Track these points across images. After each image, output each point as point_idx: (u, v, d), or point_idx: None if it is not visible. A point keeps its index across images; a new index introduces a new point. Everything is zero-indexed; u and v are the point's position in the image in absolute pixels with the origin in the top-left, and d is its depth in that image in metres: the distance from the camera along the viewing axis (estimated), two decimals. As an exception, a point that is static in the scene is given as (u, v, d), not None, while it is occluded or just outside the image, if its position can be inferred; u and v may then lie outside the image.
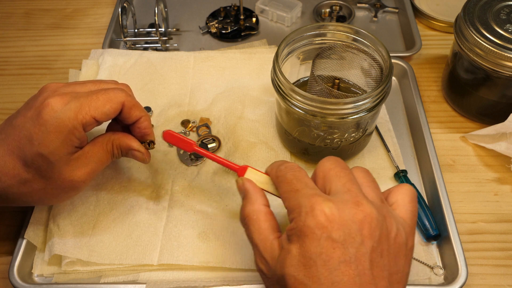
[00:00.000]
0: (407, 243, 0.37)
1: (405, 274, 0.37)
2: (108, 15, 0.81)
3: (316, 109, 0.49)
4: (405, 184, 0.41)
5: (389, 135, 0.61)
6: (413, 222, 0.39)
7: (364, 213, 0.35)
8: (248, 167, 0.45)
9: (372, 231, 0.34)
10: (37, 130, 0.42)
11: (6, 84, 0.71)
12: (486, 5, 0.59)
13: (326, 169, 0.39)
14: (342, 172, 0.38)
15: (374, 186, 0.39)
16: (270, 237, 0.38)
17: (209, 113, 0.63)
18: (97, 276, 0.50)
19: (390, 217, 0.36)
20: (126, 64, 0.68)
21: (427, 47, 0.74)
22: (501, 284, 0.50)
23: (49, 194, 0.45)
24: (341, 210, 0.35)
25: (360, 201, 0.35)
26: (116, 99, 0.45)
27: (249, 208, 0.40)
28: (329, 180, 0.38)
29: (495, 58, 0.55)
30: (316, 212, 0.34)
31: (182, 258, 0.50)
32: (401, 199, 0.39)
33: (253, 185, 0.42)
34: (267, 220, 0.39)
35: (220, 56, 0.69)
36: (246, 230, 0.40)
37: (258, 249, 0.38)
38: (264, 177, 0.44)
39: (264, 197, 0.41)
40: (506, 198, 0.57)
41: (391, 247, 0.35)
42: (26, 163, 0.43)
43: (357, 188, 0.37)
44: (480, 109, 0.63)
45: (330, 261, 0.33)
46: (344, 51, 0.55)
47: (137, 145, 0.47)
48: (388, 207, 0.38)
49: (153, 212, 0.53)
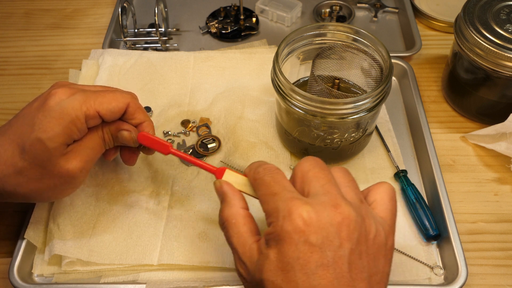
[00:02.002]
0: (386, 243, 0.36)
1: (386, 275, 0.36)
2: (108, 15, 0.81)
3: (316, 109, 0.49)
4: (384, 182, 0.40)
5: (389, 135, 0.61)
6: (393, 221, 0.38)
7: (342, 215, 0.34)
8: (226, 169, 0.43)
9: (350, 233, 0.34)
10: (40, 115, 0.42)
11: (6, 84, 0.71)
12: (486, 5, 0.59)
13: (304, 170, 0.38)
14: (321, 173, 0.38)
15: (353, 186, 0.39)
16: (249, 241, 0.38)
17: (209, 113, 0.63)
18: (97, 276, 0.50)
19: (369, 217, 0.36)
20: (126, 64, 0.68)
21: (427, 47, 0.74)
22: (501, 284, 0.50)
23: (45, 185, 0.44)
24: (319, 213, 0.34)
25: (338, 203, 0.35)
26: (122, 99, 0.46)
27: (227, 212, 0.40)
28: (307, 182, 0.37)
29: (495, 58, 0.55)
30: (293, 216, 0.34)
31: (182, 258, 0.50)
32: (380, 198, 0.39)
33: (231, 188, 0.41)
34: (246, 224, 0.39)
35: (220, 56, 0.69)
36: (225, 233, 0.40)
37: (237, 253, 0.38)
38: (243, 179, 0.43)
39: (243, 200, 0.41)
40: (506, 198, 0.57)
41: (370, 248, 0.35)
42: (24, 150, 0.43)
43: (336, 189, 0.37)
44: (480, 109, 0.63)
45: (307, 265, 0.33)
46: (344, 51, 0.55)
47: (127, 125, 0.47)
48: (368, 207, 0.38)
49: (153, 212, 0.53)
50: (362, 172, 0.57)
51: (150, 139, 0.47)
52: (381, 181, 0.41)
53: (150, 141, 0.47)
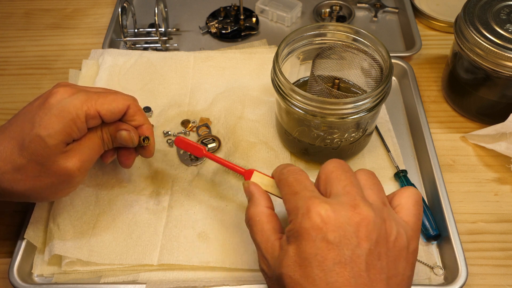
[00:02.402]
0: (408, 246, 0.37)
1: (406, 278, 0.36)
2: (108, 15, 0.81)
3: (316, 109, 0.49)
4: (410, 187, 0.41)
5: (389, 135, 0.61)
6: (417, 225, 0.38)
7: (361, 216, 0.35)
8: (254, 171, 0.46)
9: (369, 234, 0.34)
10: (41, 113, 0.43)
11: (6, 84, 0.71)
12: (486, 5, 0.59)
13: (328, 172, 0.39)
14: (343, 174, 0.39)
15: (377, 189, 0.39)
16: (272, 238, 0.39)
17: (209, 113, 0.63)
18: (97, 276, 0.50)
19: (391, 220, 0.36)
20: (126, 64, 0.68)
21: (427, 47, 0.74)
22: (501, 284, 0.50)
23: (43, 184, 0.44)
24: (337, 212, 0.35)
25: (357, 203, 0.36)
26: (123, 101, 0.46)
27: (253, 210, 0.42)
28: (330, 183, 0.38)
29: (495, 58, 0.55)
30: (311, 213, 0.35)
31: (182, 258, 0.50)
32: (405, 202, 0.39)
33: (258, 188, 0.44)
34: (270, 222, 0.40)
35: (220, 56, 0.69)
36: (250, 231, 0.41)
37: (260, 249, 0.39)
38: (269, 180, 0.45)
39: (268, 200, 0.43)
40: (506, 198, 0.57)
41: (390, 250, 0.35)
42: (23, 147, 0.43)
43: (357, 190, 0.37)
44: (480, 109, 0.63)
45: (324, 262, 0.34)
46: (344, 51, 0.55)
47: (125, 125, 0.47)
48: (390, 210, 0.38)
49: (153, 212, 0.53)
50: (362, 172, 0.57)
51: (185, 143, 0.51)
52: (407, 186, 0.42)
53: (185, 145, 0.51)
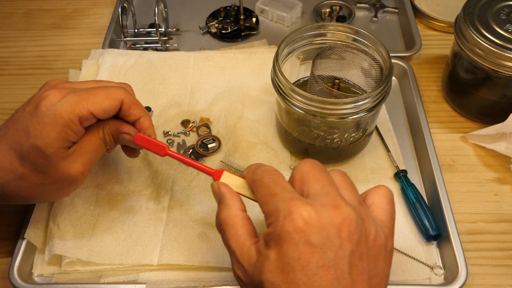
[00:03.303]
0: (386, 245, 0.36)
1: (385, 277, 0.36)
2: (108, 15, 0.81)
3: (316, 109, 0.49)
4: (382, 185, 0.40)
5: (389, 135, 0.61)
6: (392, 223, 0.38)
7: (343, 216, 0.34)
8: (224, 171, 0.43)
9: (351, 234, 0.34)
10: (33, 122, 0.42)
11: (6, 84, 0.71)
12: (486, 5, 0.59)
13: (304, 172, 0.38)
14: (320, 175, 0.37)
15: (352, 189, 0.38)
16: (247, 243, 0.37)
17: (209, 113, 0.63)
18: (97, 276, 0.50)
19: (369, 219, 0.36)
20: (126, 64, 0.68)
21: (427, 47, 0.74)
22: (501, 284, 0.50)
23: (47, 189, 0.44)
24: (319, 213, 0.34)
25: (339, 204, 0.35)
26: (115, 96, 0.44)
27: (225, 213, 0.39)
28: (307, 183, 0.37)
29: (495, 58, 0.55)
30: (294, 216, 0.34)
31: (182, 258, 0.50)
32: (379, 201, 0.39)
33: (229, 190, 0.41)
34: (244, 226, 0.38)
35: (220, 56, 0.69)
36: (223, 236, 0.39)
37: (235, 255, 0.37)
38: (241, 181, 0.42)
39: (241, 202, 0.40)
40: (506, 198, 0.57)
41: (370, 250, 0.35)
42: (23, 157, 0.42)
43: (336, 190, 0.36)
44: (480, 109, 0.63)
45: (308, 266, 0.33)
46: (344, 51, 0.55)
47: (127, 128, 0.46)
48: (367, 209, 0.38)
49: (153, 212, 0.53)
50: (362, 172, 0.57)
51: (146, 141, 0.46)
52: (379, 184, 0.41)
53: (146, 143, 0.46)
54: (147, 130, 0.46)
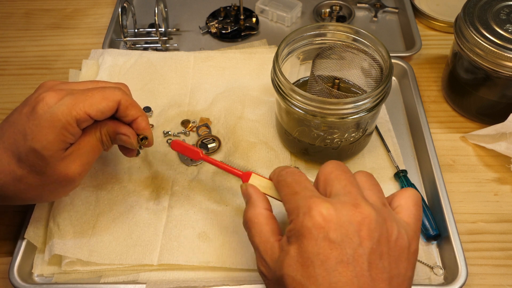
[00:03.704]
0: (409, 246, 0.36)
1: (407, 278, 0.36)
2: (108, 15, 0.81)
3: (316, 109, 0.49)
4: (410, 188, 0.41)
5: (389, 135, 0.61)
6: (417, 226, 0.38)
7: (362, 215, 0.35)
8: (252, 173, 0.46)
9: (370, 233, 0.34)
10: (30, 124, 0.42)
11: (6, 84, 0.71)
12: (486, 5, 0.59)
13: (327, 172, 0.39)
14: (343, 175, 0.39)
15: (376, 190, 0.39)
16: (271, 240, 0.39)
17: (209, 113, 0.63)
18: (97, 276, 0.50)
19: (391, 220, 0.36)
20: (126, 64, 0.68)
21: (427, 47, 0.74)
22: (501, 284, 0.50)
23: (46, 190, 0.45)
24: (338, 211, 0.35)
25: (359, 203, 0.36)
26: (112, 97, 0.44)
27: (251, 212, 0.41)
28: (329, 183, 0.38)
29: (495, 58, 0.55)
30: (313, 212, 0.35)
31: (182, 258, 0.50)
32: (405, 203, 0.39)
33: (256, 190, 0.43)
34: (268, 224, 0.40)
35: (220, 56, 0.69)
36: (248, 233, 0.41)
37: (259, 251, 0.39)
38: (267, 182, 0.45)
39: (266, 201, 0.42)
40: (506, 198, 0.57)
41: (391, 249, 0.35)
42: (20, 159, 0.42)
43: (357, 190, 0.37)
44: (480, 109, 0.63)
45: (327, 262, 0.34)
46: (344, 51, 0.55)
47: (125, 129, 0.46)
48: (390, 211, 0.38)
49: (153, 212, 0.53)
50: (362, 172, 0.57)
51: (181, 146, 0.50)
52: (407, 187, 0.41)
53: (182, 148, 0.50)
54: (144, 131, 0.47)
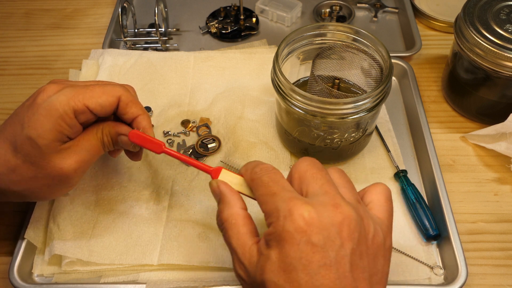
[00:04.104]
0: (385, 243, 0.36)
1: (385, 274, 0.36)
2: (108, 15, 0.81)
3: (316, 109, 0.49)
4: (380, 183, 0.40)
5: (389, 135, 0.61)
6: (390, 221, 0.38)
7: (343, 215, 0.34)
8: (222, 169, 0.43)
9: (351, 233, 0.34)
10: (29, 113, 0.42)
11: (6, 84, 0.71)
12: (486, 5, 0.59)
13: (302, 171, 0.38)
14: (319, 173, 0.37)
15: (350, 187, 0.38)
16: (249, 242, 0.37)
17: (209, 113, 0.63)
18: (97, 276, 0.50)
19: (367, 217, 0.36)
20: (126, 64, 0.68)
21: (427, 47, 0.74)
22: (501, 284, 0.50)
23: (39, 184, 0.44)
24: (320, 213, 0.34)
25: (338, 203, 0.35)
26: (113, 93, 0.44)
27: (226, 212, 0.39)
28: (305, 182, 0.37)
29: (495, 58, 0.55)
30: (294, 216, 0.34)
31: (182, 258, 0.50)
32: (377, 199, 0.39)
33: (229, 188, 0.41)
34: (245, 224, 0.38)
35: (220, 56, 0.69)
36: (224, 234, 0.39)
37: (236, 254, 0.37)
38: (239, 179, 0.42)
39: (241, 200, 0.40)
40: (506, 198, 0.57)
41: (369, 248, 0.35)
42: (16, 148, 0.42)
43: (335, 189, 0.36)
44: (480, 109, 0.63)
45: (310, 266, 0.33)
46: (344, 51, 0.55)
47: (126, 129, 0.46)
48: (365, 207, 0.38)
49: (153, 212, 0.53)
50: (362, 172, 0.57)
51: (141, 138, 0.44)
52: (377, 182, 0.41)
53: (141, 140, 0.45)
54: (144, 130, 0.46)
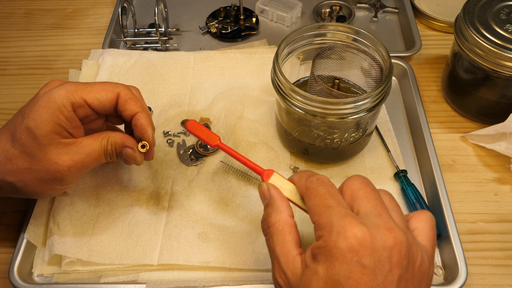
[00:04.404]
0: (429, 271, 0.36)
1: None
2: (108, 15, 0.81)
3: (316, 109, 0.49)
4: (425, 211, 0.40)
5: (389, 135, 0.61)
6: (433, 250, 0.38)
7: (395, 240, 0.34)
8: (274, 172, 0.42)
9: (401, 260, 0.34)
10: (30, 105, 0.44)
11: (6, 84, 0.71)
12: (486, 5, 0.59)
13: (354, 188, 0.38)
14: (372, 193, 0.37)
15: (399, 211, 0.38)
16: (294, 252, 0.37)
17: (209, 113, 0.63)
18: (97, 276, 0.50)
19: (416, 245, 0.36)
20: (126, 64, 0.68)
21: (427, 47, 0.74)
22: (501, 284, 0.50)
23: (32, 177, 0.44)
24: (373, 235, 0.34)
25: (392, 227, 0.35)
26: (112, 89, 0.45)
27: (274, 217, 0.39)
28: (358, 200, 0.37)
29: (495, 58, 0.55)
30: (348, 234, 0.33)
31: (182, 258, 0.50)
32: (422, 227, 0.38)
33: (279, 193, 0.41)
34: (292, 233, 0.38)
35: (220, 56, 0.69)
36: (269, 239, 0.38)
37: (279, 262, 0.37)
38: (290, 186, 0.41)
39: (290, 208, 0.40)
40: (506, 198, 0.57)
41: (415, 276, 0.35)
42: (14, 138, 0.43)
43: (387, 212, 0.36)
44: (480, 109, 0.63)
45: (357, 287, 0.33)
46: (344, 51, 0.55)
47: (132, 143, 0.47)
48: (413, 234, 0.37)
49: (153, 212, 0.53)
50: (362, 172, 0.57)
51: (199, 129, 0.47)
52: (423, 210, 0.41)
53: (199, 130, 0.47)
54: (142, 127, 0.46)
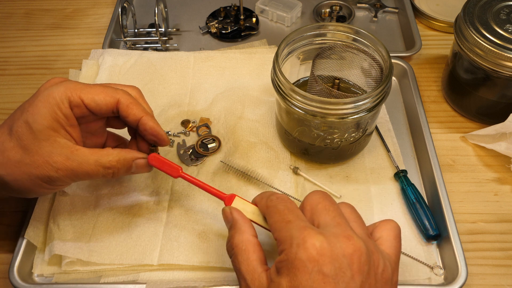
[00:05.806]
0: (392, 278, 0.37)
1: None
2: (108, 15, 0.81)
3: (316, 109, 0.49)
4: (390, 220, 0.41)
5: (389, 135, 0.61)
6: (397, 258, 0.39)
7: (354, 247, 0.35)
8: (235, 196, 0.44)
9: (361, 266, 0.35)
10: (30, 101, 0.45)
11: (6, 84, 0.71)
12: (486, 5, 0.59)
13: (314, 203, 0.39)
14: (331, 206, 0.39)
15: (360, 222, 0.40)
16: (259, 269, 0.38)
17: (209, 113, 0.63)
18: (97, 276, 0.50)
19: (377, 252, 0.37)
20: (126, 64, 0.68)
21: (427, 47, 0.74)
22: (501, 284, 0.50)
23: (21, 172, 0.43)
24: (332, 244, 0.35)
25: (350, 235, 0.36)
26: (111, 94, 0.45)
27: (237, 238, 0.40)
28: (317, 213, 0.38)
29: (495, 58, 0.55)
30: (307, 244, 0.34)
31: (182, 258, 0.50)
32: (386, 235, 0.40)
33: (241, 215, 0.42)
34: (256, 251, 0.39)
35: (220, 56, 0.69)
36: (234, 260, 0.40)
37: (245, 280, 0.38)
38: (252, 207, 0.43)
39: (253, 228, 0.41)
40: (506, 198, 0.57)
41: (378, 282, 0.36)
42: (11, 131, 0.44)
43: (346, 222, 0.38)
44: (480, 109, 0.63)
45: None
46: (344, 51, 0.55)
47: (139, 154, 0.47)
48: (375, 242, 0.39)
49: (153, 212, 0.53)
50: (362, 172, 0.57)
51: (160, 161, 0.47)
52: (387, 219, 0.42)
53: (160, 163, 0.47)
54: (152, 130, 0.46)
